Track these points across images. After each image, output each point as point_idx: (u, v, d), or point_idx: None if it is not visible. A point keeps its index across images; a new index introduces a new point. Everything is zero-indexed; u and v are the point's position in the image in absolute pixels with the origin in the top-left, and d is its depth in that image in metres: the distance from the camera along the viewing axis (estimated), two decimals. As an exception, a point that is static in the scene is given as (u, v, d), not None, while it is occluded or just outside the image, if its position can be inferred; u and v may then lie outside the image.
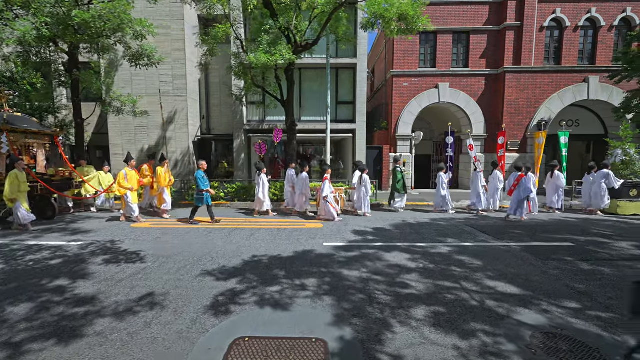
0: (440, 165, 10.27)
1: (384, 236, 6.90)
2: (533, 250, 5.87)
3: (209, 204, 8.23)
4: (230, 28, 9.62)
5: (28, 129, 8.75)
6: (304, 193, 9.24)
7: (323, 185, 8.72)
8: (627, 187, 9.72)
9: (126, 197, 8.36)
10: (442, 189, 9.83)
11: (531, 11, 13.50)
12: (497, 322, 3.37)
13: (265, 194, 9.22)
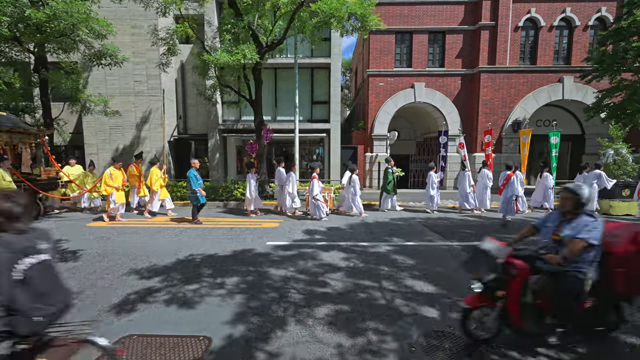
0: (431, 165, 10.19)
1: (333, 235, 6.89)
2: (473, 249, 5.86)
3: (199, 204, 8.19)
4: (188, 28, 9.61)
5: (13, 128, 8.73)
6: (291, 192, 9.22)
7: (312, 184, 8.70)
8: (619, 187, 9.71)
9: (111, 196, 8.34)
10: (432, 188, 9.75)
11: (505, 11, 13.50)
12: (394, 321, 3.36)
13: (253, 193, 9.14)
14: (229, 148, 14.84)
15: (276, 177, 9.54)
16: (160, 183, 9.27)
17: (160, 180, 9.24)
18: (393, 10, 14.14)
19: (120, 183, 8.49)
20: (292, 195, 9.22)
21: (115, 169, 8.52)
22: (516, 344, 2.93)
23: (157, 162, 9.36)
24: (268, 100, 14.47)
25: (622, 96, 11.22)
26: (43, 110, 10.98)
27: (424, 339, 3.05)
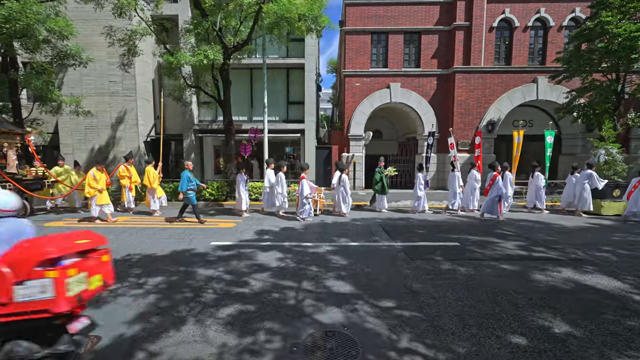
0: (419, 166, 10.20)
1: (282, 236, 6.91)
2: (412, 249, 5.89)
3: (190, 203, 8.25)
4: (148, 28, 9.62)
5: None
6: (281, 192, 9.23)
7: (301, 184, 8.70)
8: (610, 188, 9.77)
9: (92, 199, 8.31)
10: (420, 189, 9.75)
11: (480, 11, 13.51)
12: (292, 321, 3.38)
13: (242, 194, 9.17)
14: (206, 148, 14.87)
15: (266, 178, 9.53)
16: (158, 182, 9.39)
17: (157, 179, 9.36)
18: (369, 10, 14.15)
19: (103, 185, 8.46)
20: (282, 195, 9.26)
21: (98, 170, 8.49)
22: None
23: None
24: (244, 101, 14.51)
25: (591, 96, 11.26)
26: (13, 111, 11.02)
27: (312, 338, 3.08)
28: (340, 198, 9.25)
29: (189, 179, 8.16)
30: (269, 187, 9.41)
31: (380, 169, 10.02)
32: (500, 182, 8.76)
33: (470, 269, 4.86)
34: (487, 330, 3.18)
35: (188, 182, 8.12)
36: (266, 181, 9.45)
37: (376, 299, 3.88)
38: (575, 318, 3.44)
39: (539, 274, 4.67)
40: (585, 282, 4.42)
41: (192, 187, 8.25)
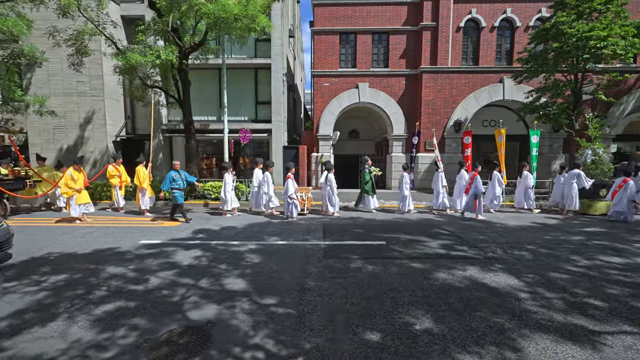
0: (404, 165, 10.24)
1: (216, 234, 6.96)
2: (335, 248, 5.93)
3: (176, 203, 8.31)
4: (96, 28, 9.66)
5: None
6: (267, 192, 9.28)
7: (286, 184, 8.74)
8: (597, 187, 9.84)
9: (71, 199, 8.29)
10: (405, 189, 9.74)
11: (446, 12, 13.55)
12: (161, 317, 3.42)
13: (227, 194, 9.19)
14: (176, 148, 14.92)
15: (254, 178, 9.58)
16: (149, 182, 9.45)
17: (147, 179, 9.42)
18: (337, 11, 14.20)
19: (81, 185, 8.41)
20: (268, 195, 9.31)
21: (75, 170, 8.44)
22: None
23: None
24: (212, 101, 14.56)
25: (550, 97, 11.30)
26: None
27: (168, 334, 3.12)
28: (326, 197, 9.26)
29: (173, 179, 8.20)
30: (257, 186, 9.47)
31: (369, 169, 10.02)
32: (479, 181, 8.74)
33: (379, 267, 4.90)
34: (348, 327, 3.23)
35: (171, 182, 8.16)
36: (254, 180, 9.52)
37: (261, 297, 3.92)
38: (445, 315, 3.48)
39: (442, 273, 4.71)
40: (482, 280, 4.46)
41: (177, 186, 8.26)
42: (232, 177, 9.42)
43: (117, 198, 9.84)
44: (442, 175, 9.83)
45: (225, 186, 9.13)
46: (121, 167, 9.89)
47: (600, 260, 5.28)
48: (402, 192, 9.71)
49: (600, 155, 10.26)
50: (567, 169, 9.97)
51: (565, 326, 3.27)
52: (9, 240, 5.18)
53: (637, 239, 6.69)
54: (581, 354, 2.83)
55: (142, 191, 9.42)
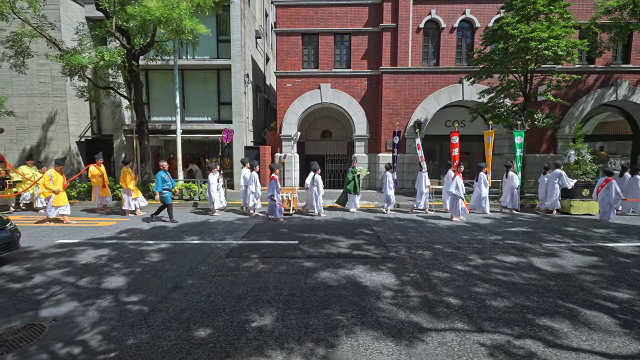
0: (386, 165, 10.33)
1: (139, 234, 7.04)
2: (243, 247, 6.02)
3: (164, 203, 8.38)
4: (34, 30, 9.73)
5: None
6: (254, 192, 9.37)
7: (270, 184, 8.81)
8: (579, 187, 9.93)
9: (49, 200, 8.23)
10: (389, 188, 9.82)
11: (405, 13, 13.63)
12: (10, 315, 3.51)
13: (213, 194, 9.31)
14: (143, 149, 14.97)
15: (241, 177, 9.68)
16: (134, 183, 9.49)
17: (133, 179, 9.46)
18: (299, 12, 14.28)
19: (60, 186, 8.35)
20: (255, 194, 9.41)
21: (56, 171, 8.40)
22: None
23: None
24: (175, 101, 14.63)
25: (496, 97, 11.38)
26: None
27: (5, 330, 3.21)
28: (313, 198, 9.34)
29: (164, 180, 8.29)
30: (244, 185, 9.59)
31: (352, 169, 10.09)
32: (460, 182, 8.77)
33: (269, 266, 4.99)
34: (186, 324, 3.31)
35: (163, 182, 8.26)
36: (241, 180, 9.65)
37: (128, 295, 4.01)
38: (291, 313, 3.56)
39: (326, 272, 4.79)
40: (359, 279, 4.54)
41: (167, 186, 8.36)
42: (217, 177, 9.52)
43: (95, 198, 9.77)
44: (426, 176, 9.89)
45: (210, 186, 9.27)
46: (103, 167, 9.91)
47: (494, 260, 5.37)
48: (386, 192, 9.82)
49: (583, 156, 10.35)
50: (550, 170, 10.01)
51: (400, 324, 3.36)
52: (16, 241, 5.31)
53: (553, 239, 6.77)
54: (391, 350, 2.92)
55: (128, 192, 9.38)
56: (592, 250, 5.97)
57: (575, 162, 10.25)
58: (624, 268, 4.99)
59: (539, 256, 5.57)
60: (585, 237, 6.98)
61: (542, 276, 4.67)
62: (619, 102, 13.97)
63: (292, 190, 9.92)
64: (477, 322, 3.41)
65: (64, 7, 13.51)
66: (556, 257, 5.54)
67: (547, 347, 2.97)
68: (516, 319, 3.47)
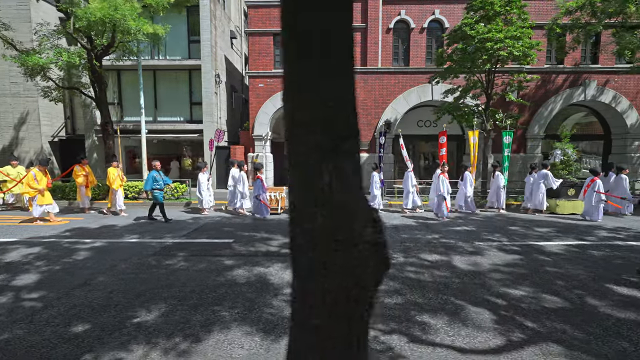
0: (373, 165, 10.35)
1: (82, 233, 7.12)
2: (175, 246, 6.10)
3: (156, 202, 8.41)
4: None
5: None
6: (242, 192, 9.43)
7: (255, 184, 8.89)
8: (565, 187, 9.98)
9: (33, 199, 8.32)
10: (375, 188, 9.82)
11: (375, 13, 13.70)
12: None
13: (203, 193, 9.40)
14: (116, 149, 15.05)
15: (230, 177, 9.77)
16: (119, 182, 9.56)
17: (118, 179, 9.53)
18: (270, 12, 14.34)
19: (44, 185, 8.43)
20: (243, 194, 9.47)
21: (40, 171, 8.46)
22: None
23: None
24: (148, 102, 14.70)
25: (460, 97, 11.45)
26: None
27: None
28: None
29: (155, 179, 8.35)
30: (232, 185, 9.66)
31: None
32: (445, 182, 8.80)
33: (190, 264, 5.07)
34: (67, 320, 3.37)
35: (153, 182, 8.32)
36: (230, 180, 9.74)
37: (32, 292, 4.07)
38: (176, 310, 3.62)
39: (242, 270, 4.86)
40: (269, 277, 4.62)
41: (158, 186, 8.42)
42: (207, 177, 9.61)
43: (82, 197, 9.81)
44: (412, 175, 9.93)
45: (200, 185, 9.35)
46: (88, 167, 9.98)
47: (416, 258, 5.44)
48: (372, 192, 9.82)
49: (569, 156, 10.40)
50: (536, 170, 10.04)
51: (280, 320, 3.43)
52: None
53: (489, 238, 6.85)
54: (254, 345, 2.98)
55: (114, 192, 9.44)
56: (519, 248, 6.04)
57: (561, 162, 10.30)
58: (538, 266, 5.06)
59: (463, 255, 5.64)
60: (523, 236, 7.05)
61: (452, 274, 4.75)
62: (588, 102, 14.05)
63: (281, 190, 9.90)
64: (357, 318, 3.47)
65: (35, 7, 13.59)
66: (479, 255, 5.62)
67: (409, 343, 3.05)
68: (397, 315, 3.54)
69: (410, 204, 9.86)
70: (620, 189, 9.54)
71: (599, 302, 3.87)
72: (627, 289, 4.26)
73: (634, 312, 3.61)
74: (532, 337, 3.13)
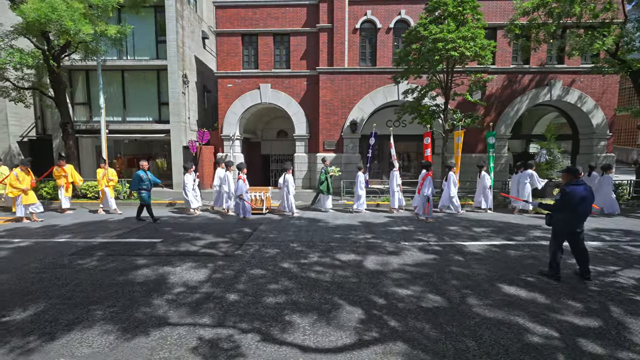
0: (359, 165, 10.41)
1: (20, 232, 7.17)
2: (102, 246, 6.14)
3: (143, 203, 8.39)
4: None
5: None
6: (228, 192, 9.48)
7: (237, 184, 8.92)
8: (550, 187, 9.96)
9: (17, 199, 8.35)
10: (360, 188, 9.87)
11: (341, 13, 13.72)
12: None
13: (189, 194, 9.41)
14: (84, 149, 15.12)
15: (216, 177, 9.79)
16: (105, 182, 9.66)
17: (104, 179, 9.63)
18: (238, 12, 14.38)
19: (28, 185, 8.46)
20: (229, 194, 9.52)
21: (22, 171, 8.48)
22: None
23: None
24: (117, 102, 14.75)
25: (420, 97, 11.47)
26: None
27: None
28: (284, 197, 9.42)
29: (141, 179, 8.35)
30: (218, 185, 9.67)
31: (325, 169, 10.13)
32: (430, 182, 8.78)
33: (99, 264, 5.10)
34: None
35: (140, 182, 8.33)
36: (216, 180, 9.75)
37: None
38: (58, 307, 3.67)
39: (147, 269, 4.90)
40: (172, 275, 4.67)
41: (145, 186, 8.39)
42: (193, 177, 9.66)
43: (61, 198, 9.81)
44: (397, 174, 9.97)
45: (185, 186, 9.39)
46: (68, 168, 10.01)
47: (330, 258, 5.48)
48: (357, 192, 9.88)
49: (554, 155, 10.40)
50: (522, 169, 10.03)
51: (150, 319, 3.47)
52: None
53: (419, 238, 6.87)
54: (103, 343, 3.02)
55: (105, 192, 9.62)
56: (441, 248, 6.07)
57: (546, 162, 10.30)
58: (445, 266, 5.09)
59: (380, 255, 5.67)
60: (455, 236, 7.08)
61: (354, 274, 4.78)
62: (554, 102, 14.07)
63: (266, 190, 9.92)
64: (226, 317, 3.52)
65: (2, 7, 13.61)
66: (395, 255, 5.65)
67: (259, 342, 3.08)
68: (268, 315, 3.58)
69: (396, 203, 9.92)
70: (605, 190, 9.45)
71: (478, 301, 3.91)
72: (516, 288, 4.30)
73: (503, 312, 3.65)
74: (384, 337, 3.17)
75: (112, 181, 10.00)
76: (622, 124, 24.49)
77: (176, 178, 14.15)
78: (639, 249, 6.09)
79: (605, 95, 13.83)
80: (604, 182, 9.58)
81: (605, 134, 13.89)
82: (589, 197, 4.34)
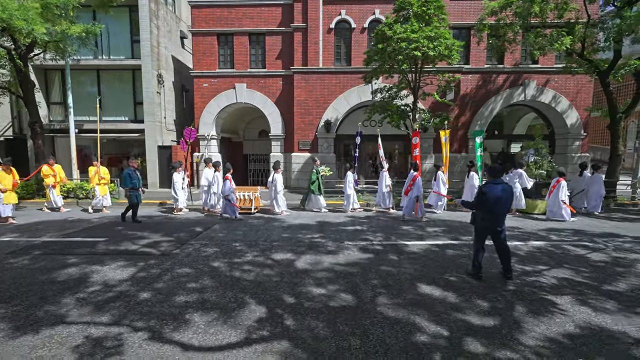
0: (348, 165, 10.37)
1: None
2: (44, 245, 6.15)
3: (132, 203, 8.32)
4: None
5: None
6: (216, 192, 9.46)
7: (224, 184, 8.92)
8: (539, 187, 9.98)
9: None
10: (349, 187, 9.88)
11: (315, 13, 13.72)
12: None
13: (178, 192, 9.43)
14: (62, 149, 15.10)
15: (203, 177, 9.79)
16: (96, 181, 9.72)
17: (95, 178, 9.67)
18: (214, 12, 14.38)
19: (9, 185, 8.40)
20: (217, 195, 9.51)
21: (3, 171, 8.42)
22: None
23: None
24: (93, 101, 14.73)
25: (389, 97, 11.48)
26: None
27: None
28: (273, 197, 9.41)
29: (130, 177, 8.32)
30: (206, 186, 9.67)
31: (316, 169, 10.13)
32: (420, 182, 8.78)
33: (30, 263, 5.12)
34: None
35: (130, 180, 8.28)
36: (203, 180, 9.75)
37: None
38: None
39: (77, 267, 4.91)
40: (97, 273, 4.68)
41: (133, 185, 8.33)
42: (182, 176, 9.66)
43: (52, 197, 9.78)
44: (387, 175, 9.97)
45: (174, 185, 9.37)
46: (57, 167, 10.00)
47: (264, 257, 5.48)
48: (346, 191, 9.90)
49: (543, 155, 10.37)
50: (512, 169, 9.98)
51: (55, 317, 3.48)
52: None
53: (364, 237, 6.87)
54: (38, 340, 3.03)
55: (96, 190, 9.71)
56: (381, 248, 6.08)
57: (534, 161, 10.26)
58: (376, 266, 5.10)
59: (317, 254, 5.67)
60: (402, 235, 7.07)
61: (278, 273, 4.78)
62: (528, 101, 14.07)
63: (254, 190, 9.89)
64: (126, 315, 3.52)
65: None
66: (331, 255, 5.65)
67: (146, 340, 3.09)
68: (170, 313, 3.59)
69: (386, 203, 9.95)
70: (595, 189, 9.48)
71: (387, 301, 3.92)
72: (433, 287, 4.30)
73: (406, 311, 3.66)
74: (272, 336, 3.18)
75: (104, 179, 10.00)
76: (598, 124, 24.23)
77: (151, 177, 14.16)
78: (578, 249, 6.09)
79: (579, 95, 13.83)
80: (594, 181, 9.62)
81: (579, 134, 13.89)
82: (505, 197, 4.34)
